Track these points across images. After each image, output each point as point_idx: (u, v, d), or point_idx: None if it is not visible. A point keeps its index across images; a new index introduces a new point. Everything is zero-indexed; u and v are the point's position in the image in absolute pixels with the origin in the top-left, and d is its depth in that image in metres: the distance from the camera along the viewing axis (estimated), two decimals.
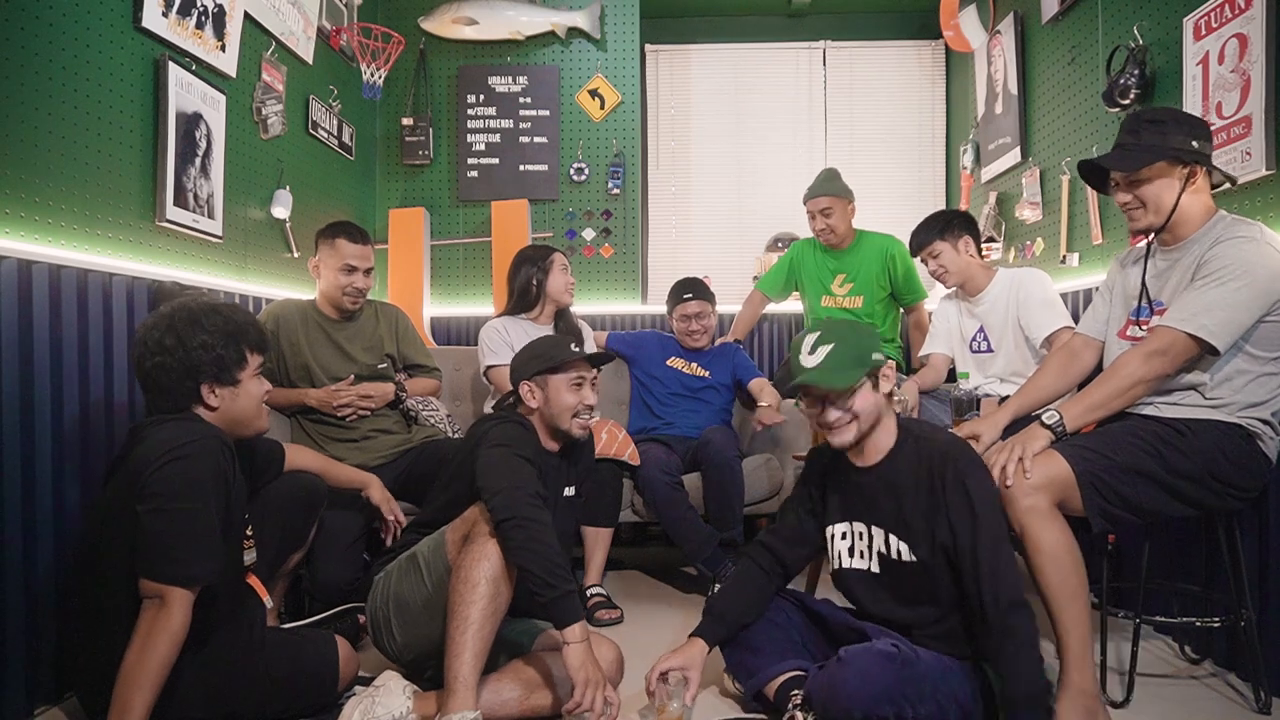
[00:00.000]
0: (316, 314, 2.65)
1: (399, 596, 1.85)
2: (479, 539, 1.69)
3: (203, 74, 2.46)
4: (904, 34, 4.41)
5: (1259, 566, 1.98)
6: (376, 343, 2.71)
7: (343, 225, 2.62)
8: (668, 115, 4.45)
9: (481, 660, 1.65)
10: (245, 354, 1.74)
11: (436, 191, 4.07)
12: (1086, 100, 2.89)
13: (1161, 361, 1.78)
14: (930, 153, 4.41)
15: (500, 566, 1.67)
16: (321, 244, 2.61)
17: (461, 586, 1.66)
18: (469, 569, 1.67)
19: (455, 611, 1.65)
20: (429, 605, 1.77)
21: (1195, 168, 1.82)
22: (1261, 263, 1.73)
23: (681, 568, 3.20)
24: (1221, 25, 2.17)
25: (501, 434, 1.88)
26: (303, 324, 2.61)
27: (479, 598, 1.64)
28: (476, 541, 1.69)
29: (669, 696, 1.69)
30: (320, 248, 2.61)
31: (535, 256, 2.96)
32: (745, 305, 3.60)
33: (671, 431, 3.01)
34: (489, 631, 1.66)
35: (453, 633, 1.64)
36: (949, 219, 2.69)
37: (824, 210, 3.26)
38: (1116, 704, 1.89)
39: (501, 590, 1.67)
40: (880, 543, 1.76)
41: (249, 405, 1.76)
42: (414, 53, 3.99)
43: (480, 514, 1.74)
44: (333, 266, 2.58)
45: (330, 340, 2.63)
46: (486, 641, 1.66)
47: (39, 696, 1.86)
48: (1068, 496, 1.76)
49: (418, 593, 1.81)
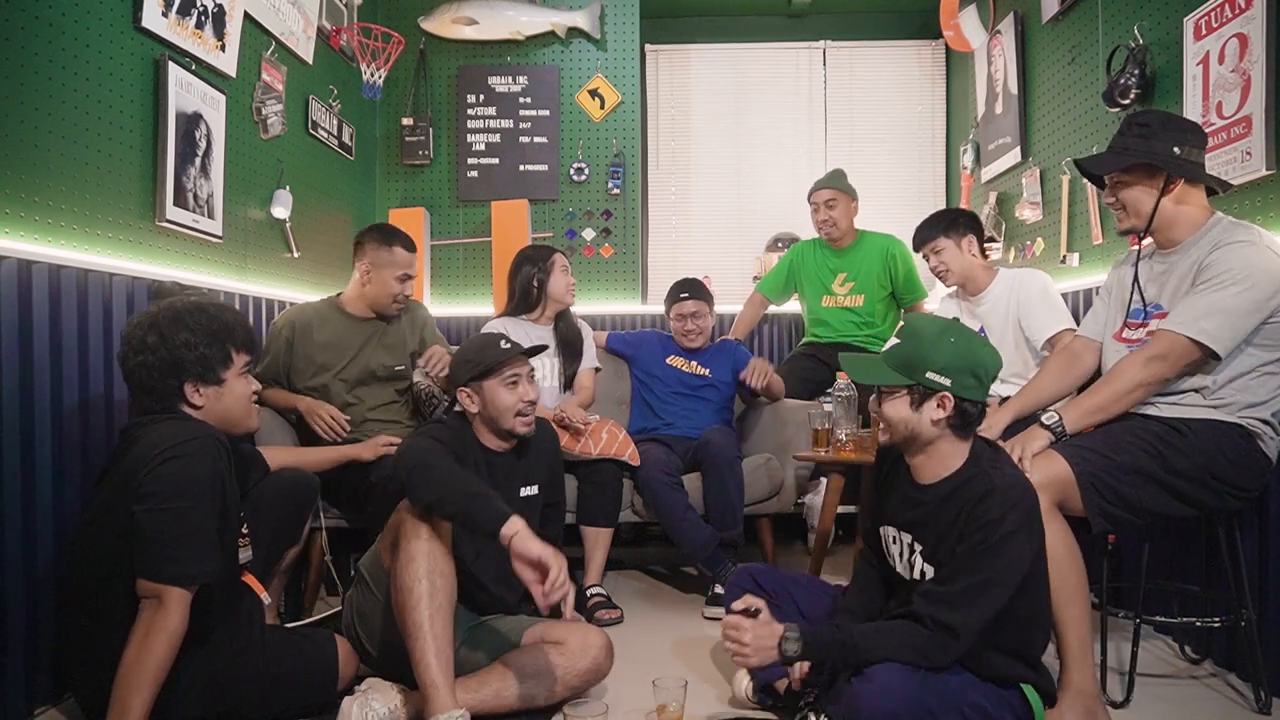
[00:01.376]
0: (340, 314, 2.63)
1: (360, 611, 1.89)
2: (403, 540, 1.71)
3: (203, 74, 2.46)
4: (904, 34, 4.41)
5: (1259, 566, 1.98)
6: (400, 341, 2.70)
7: (396, 232, 2.63)
8: (668, 115, 4.45)
9: (445, 654, 1.65)
10: (230, 353, 1.73)
11: (436, 191, 4.07)
12: (1086, 100, 2.89)
13: (1162, 366, 1.79)
14: (930, 153, 4.41)
15: (429, 560, 1.68)
16: (374, 249, 2.59)
17: (400, 595, 1.67)
18: (400, 575, 1.68)
19: (404, 621, 1.66)
20: (382, 613, 1.80)
21: (1176, 176, 1.83)
22: (1262, 267, 1.73)
23: (681, 568, 3.20)
24: (1222, 25, 2.17)
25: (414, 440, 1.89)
26: (321, 326, 2.59)
27: (418, 599, 1.65)
28: (401, 544, 1.71)
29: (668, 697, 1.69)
30: (371, 252, 2.59)
31: (536, 257, 2.96)
32: (746, 306, 3.60)
33: (671, 432, 3.00)
34: (441, 626, 1.66)
35: (409, 641, 1.65)
36: (954, 217, 2.69)
37: (828, 201, 3.29)
38: (1116, 704, 1.88)
39: (438, 583, 1.68)
40: (920, 563, 1.67)
41: (235, 404, 1.76)
42: (414, 53, 3.99)
43: (401, 517, 1.76)
44: (390, 274, 2.59)
45: (354, 340, 2.61)
46: (443, 638, 1.66)
47: (39, 697, 1.86)
48: (1068, 496, 1.77)
49: (371, 603, 1.85)
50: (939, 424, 1.58)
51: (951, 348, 1.57)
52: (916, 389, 1.58)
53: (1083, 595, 1.74)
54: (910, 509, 1.68)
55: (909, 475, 1.70)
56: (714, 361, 3.13)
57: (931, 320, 1.67)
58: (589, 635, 1.89)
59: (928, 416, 1.58)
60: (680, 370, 3.12)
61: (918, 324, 1.65)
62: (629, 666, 1.97)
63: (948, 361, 1.56)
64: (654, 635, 2.40)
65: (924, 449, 1.63)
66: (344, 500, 2.50)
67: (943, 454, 1.62)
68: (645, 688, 1.75)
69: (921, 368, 1.57)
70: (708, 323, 3.13)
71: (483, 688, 1.76)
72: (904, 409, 1.60)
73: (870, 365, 1.67)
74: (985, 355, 1.60)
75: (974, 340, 1.62)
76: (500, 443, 2.05)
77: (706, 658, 2.23)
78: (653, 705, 1.71)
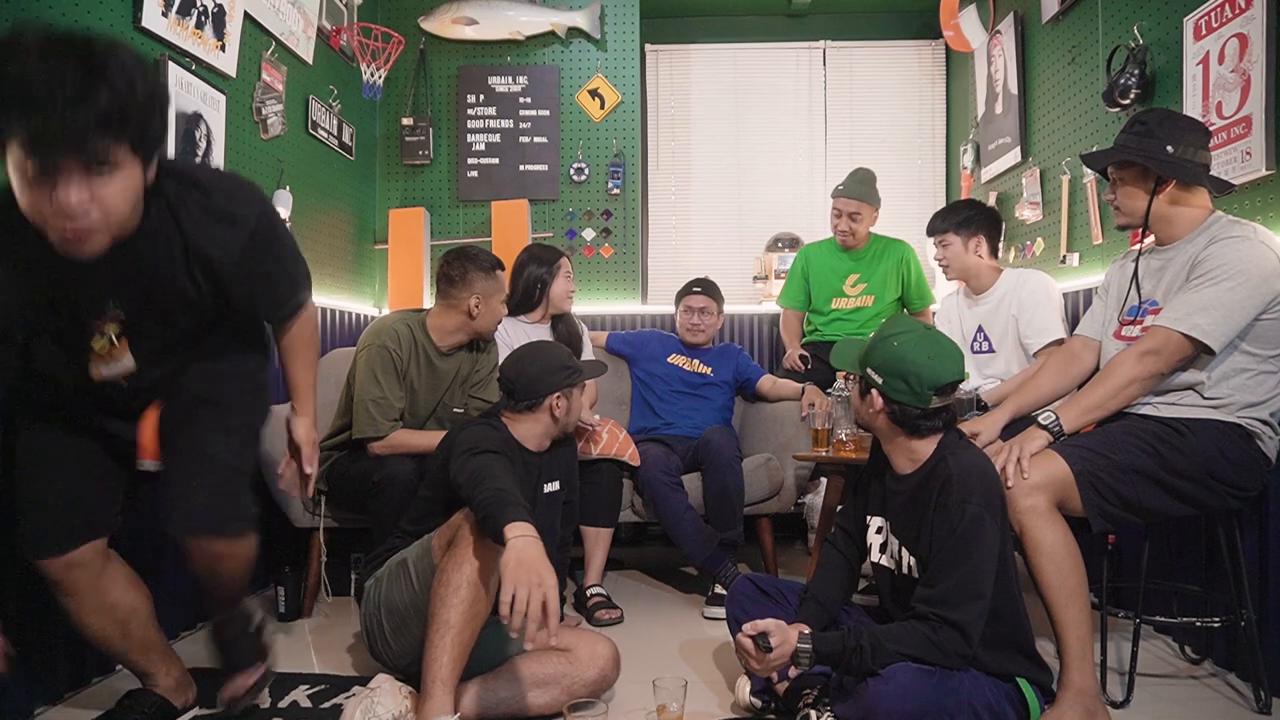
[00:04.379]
0: (427, 341, 2.48)
1: (389, 602, 1.86)
2: (462, 543, 1.70)
3: (202, 74, 2.46)
4: (904, 34, 4.41)
5: (1259, 566, 1.98)
6: (465, 380, 2.57)
7: (487, 255, 2.51)
8: (668, 115, 4.45)
9: (460, 664, 1.65)
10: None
11: (436, 191, 4.07)
12: (1086, 100, 2.89)
13: (1155, 361, 1.79)
14: (930, 153, 4.41)
15: (481, 572, 1.67)
16: (482, 279, 2.44)
17: (442, 589, 1.67)
18: (450, 572, 1.67)
19: (435, 614, 1.66)
20: (418, 609, 1.77)
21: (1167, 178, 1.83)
22: (1257, 262, 1.73)
23: (681, 568, 3.20)
24: (1222, 25, 2.17)
25: (467, 439, 1.88)
26: (415, 365, 2.46)
27: (459, 601, 1.65)
28: (459, 546, 1.70)
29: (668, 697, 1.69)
30: (480, 283, 2.44)
31: (544, 258, 2.94)
32: (783, 327, 3.55)
33: (672, 432, 3.01)
34: (468, 636, 1.66)
35: (431, 635, 1.64)
36: (970, 215, 2.69)
37: (852, 213, 3.26)
38: (1116, 704, 1.88)
39: (481, 596, 1.67)
40: (896, 549, 1.73)
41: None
42: (414, 53, 3.99)
43: (464, 519, 1.75)
44: (499, 300, 2.50)
45: (441, 384, 2.51)
46: (465, 646, 1.65)
47: (39, 697, 1.86)
48: (1067, 496, 1.76)
49: (407, 597, 1.83)
50: (877, 417, 1.70)
51: (890, 350, 1.65)
52: (861, 380, 1.71)
53: (1083, 595, 1.73)
54: (888, 498, 1.76)
55: (889, 467, 1.77)
56: (717, 361, 3.14)
57: (899, 321, 1.73)
58: (597, 645, 1.88)
59: (868, 408, 1.70)
60: (682, 368, 3.13)
61: (889, 323, 1.73)
62: (629, 666, 1.97)
63: (881, 362, 1.66)
64: (654, 635, 2.40)
65: (887, 440, 1.73)
66: (345, 500, 2.50)
67: (907, 447, 1.70)
68: (645, 688, 1.74)
69: (864, 362, 1.69)
70: (714, 321, 3.15)
71: (488, 694, 1.76)
72: (857, 397, 1.75)
73: (846, 349, 1.81)
74: (923, 365, 1.61)
75: (920, 349, 1.64)
76: (541, 443, 2.12)
77: (707, 658, 2.23)
78: (653, 705, 1.71)
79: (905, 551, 1.70)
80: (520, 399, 2.06)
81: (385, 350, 2.39)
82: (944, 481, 1.60)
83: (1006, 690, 1.62)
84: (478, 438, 1.89)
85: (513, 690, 1.79)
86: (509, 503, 1.62)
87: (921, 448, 1.69)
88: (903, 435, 1.69)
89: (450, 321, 2.48)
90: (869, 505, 1.83)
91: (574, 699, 1.80)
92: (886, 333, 1.69)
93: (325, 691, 1.98)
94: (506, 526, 1.54)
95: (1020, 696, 1.63)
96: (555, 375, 2.08)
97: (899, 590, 1.73)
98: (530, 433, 2.09)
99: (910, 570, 1.69)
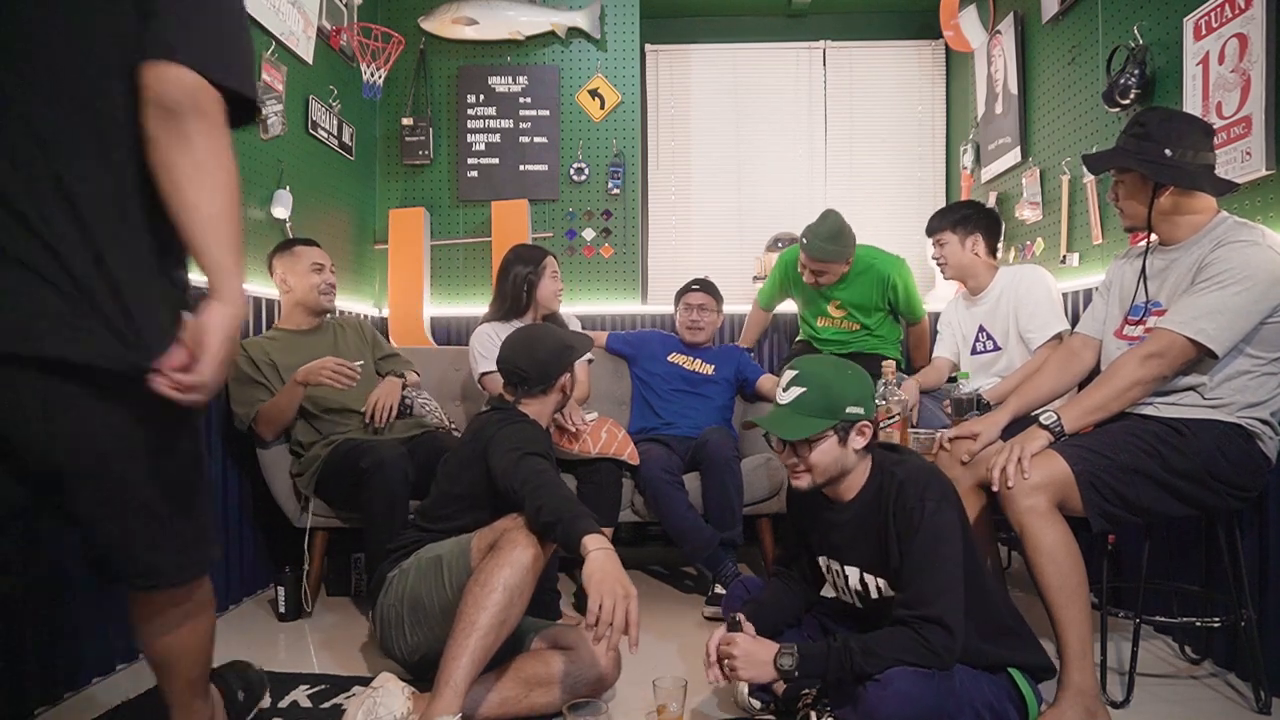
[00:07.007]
0: (287, 335, 2.69)
1: (415, 597, 1.84)
2: (506, 548, 1.69)
3: None
4: (904, 34, 4.41)
5: (1259, 566, 1.98)
6: (356, 353, 2.74)
7: (291, 239, 2.75)
8: (668, 115, 4.44)
9: (476, 670, 1.64)
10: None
11: (436, 191, 4.07)
12: (1086, 100, 2.89)
13: (1159, 364, 1.79)
14: (930, 153, 4.41)
15: (520, 578, 1.67)
16: (278, 259, 2.70)
17: (478, 589, 1.66)
18: (489, 574, 1.67)
19: (464, 613, 1.65)
20: (447, 610, 1.75)
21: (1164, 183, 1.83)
22: (1264, 267, 1.72)
23: (681, 568, 3.20)
24: (1221, 25, 2.17)
25: (511, 438, 1.89)
26: (279, 351, 2.60)
27: (492, 604, 1.64)
28: (503, 550, 1.69)
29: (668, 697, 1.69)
30: (278, 264, 2.70)
31: (529, 257, 2.91)
32: (748, 318, 3.63)
33: (671, 431, 3.01)
34: (492, 642, 1.65)
35: (456, 633, 1.63)
36: (968, 214, 2.69)
37: (817, 270, 3.13)
38: (1116, 704, 1.89)
39: (515, 602, 1.67)
40: (856, 581, 1.72)
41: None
42: (414, 53, 3.99)
43: (511, 525, 1.74)
44: (301, 270, 2.67)
45: (316, 348, 2.62)
46: (488, 652, 1.65)
47: (39, 697, 1.86)
48: (1067, 496, 1.76)
49: (437, 596, 1.81)
50: (860, 451, 1.67)
51: (854, 379, 1.67)
52: (840, 426, 1.64)
53: (1083, 595, 1.73)
54: (835, 533, 1.74)
55: (826, 501, 1.75)
56: (718, 360, 3.15)
57: (820, 361, 1.75)
58: (599, 644, 1.89)
59: (852, 447, 1.66)
60: (682, 367, 3.13)
61: (812, 368, 1.69)
62: (629, 666, 1.97)
63: (859, 392, 1.66)
64: (654, 635, 2.40)
65: (844, 477, 1.70)
66: (339, 495, 2.50)
67: (859, 472, 1.70)
68: (645, 688, 1.75)
69: (840, 405, 1.63)
70: (714, 319, 3.15)
71: (489, 694, 1.76)
72: (833, 449, 1.65)
73: (792, 422, 1.65)
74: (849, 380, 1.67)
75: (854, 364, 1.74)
76: (548, 422, 2.20)
77: None
78: (653, 705, 1.71)
79: (871, 577, 1.69)
80: (536, 384, 2.11)
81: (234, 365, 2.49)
82: (897, 488, 1.62)
83: (1005, 688, 1.63)
84: (523, 437, 1.90)
85: (513, 690, 1.78)
86: (581, 514, 1.65)
87: (865, 466, 1.71)
88: (865, 457, 1.70)
89: (285, 306, 2.74)
90: (817, 548, 1.83)
91: (574, 699, 1.80)
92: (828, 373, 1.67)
93: (325, 691, 1.98)
94: (585, 538, 1.59)
95: (1018, 693, 1.63)
96: (563, 355, 2.15)
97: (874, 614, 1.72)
98: (542, 413, 2.14)
99: (882, 593, 1.68)
